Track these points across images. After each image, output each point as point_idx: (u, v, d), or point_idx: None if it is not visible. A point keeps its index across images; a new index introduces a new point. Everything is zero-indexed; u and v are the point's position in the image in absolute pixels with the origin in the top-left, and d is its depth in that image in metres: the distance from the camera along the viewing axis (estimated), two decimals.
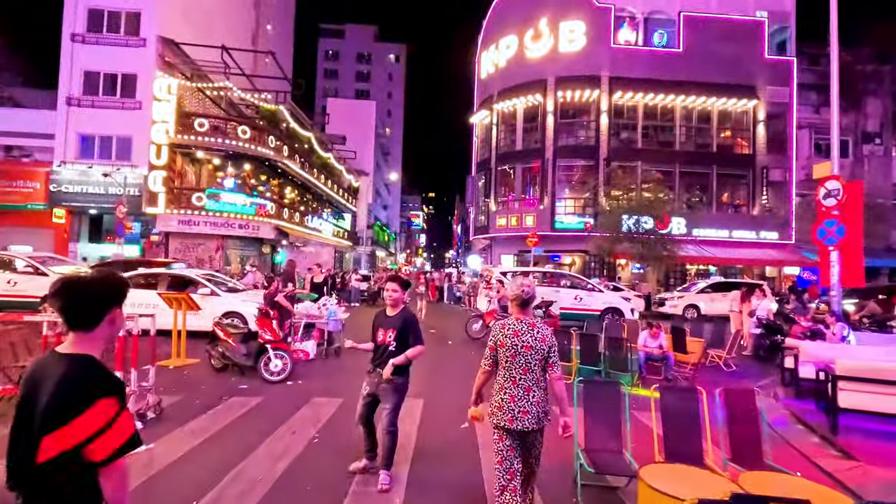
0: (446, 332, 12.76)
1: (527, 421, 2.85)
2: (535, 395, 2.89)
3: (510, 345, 2.92)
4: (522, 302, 3.01)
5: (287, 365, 6.78)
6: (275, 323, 7.03)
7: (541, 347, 2.91)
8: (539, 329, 2.96)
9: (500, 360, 2.98)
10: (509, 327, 2.97)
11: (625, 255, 22.25)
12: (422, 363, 8.78)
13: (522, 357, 2.89)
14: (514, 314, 3.05)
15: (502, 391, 2.94)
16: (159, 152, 21.14)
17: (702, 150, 25.39)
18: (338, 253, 40.73)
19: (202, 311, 9.65)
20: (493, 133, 27.68)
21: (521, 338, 2.91)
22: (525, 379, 2.89)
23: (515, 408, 2.86)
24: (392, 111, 73.37)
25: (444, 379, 7.67)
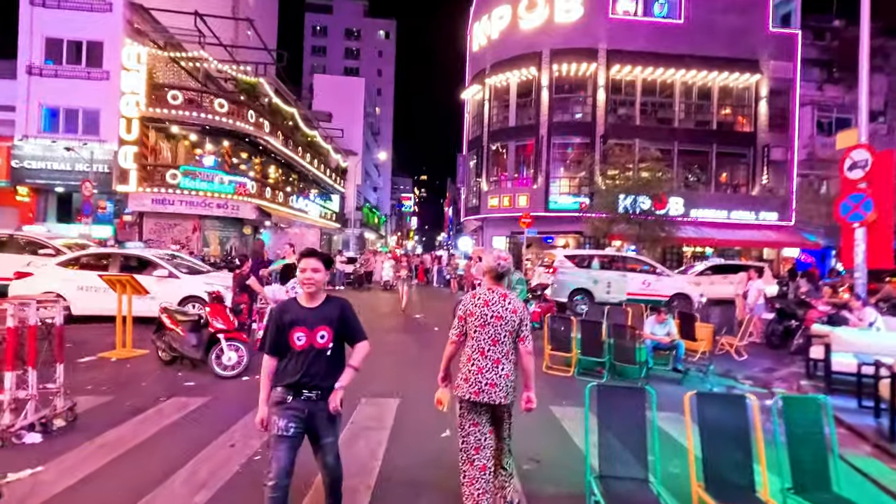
0: (433, 317, 11.88)
1: (494, 394, 2.75)
2: (503, 367, 2.79)
3: (479, 314, 2.81)
4: (497, 275, 2.91)
5: (243, 357, 5.85)
6: (229, 310, 6.07)
7: (511, 319, 2.80)
8: (510, 300, 2.84)
9: (469, 331, 2.86)
10: (480, 296, 2.87)
11: (621, 236, 21.42)
12: (401, 355, 7.99)
13: (492, 328, 2.79)
14: (486, 285, 2.93)
15: (469, 362, 2.83)
16: (129, 126, 19.84)
17: (701, 128, 24.44)
18: (325, 235, 39.60)
19: (157, 295, 8.70)
20: (486, 109, 26.50)
21: (492, 308, 2.80)
22: (494, 350, 2.79)
23: (483, 380, 2.76)
24: (382, 90, 71.36)
25: (426, 373, 6.77)
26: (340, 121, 42.91)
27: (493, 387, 2.75)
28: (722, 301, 16.44)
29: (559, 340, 6.64)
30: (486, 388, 2.74)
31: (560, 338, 6.63)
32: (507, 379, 2.79)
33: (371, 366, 6.67)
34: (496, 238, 27.43)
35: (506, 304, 2.81)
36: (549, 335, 6.79)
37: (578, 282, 14.05)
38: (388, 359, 7.35)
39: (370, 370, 6.50)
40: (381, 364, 6.88)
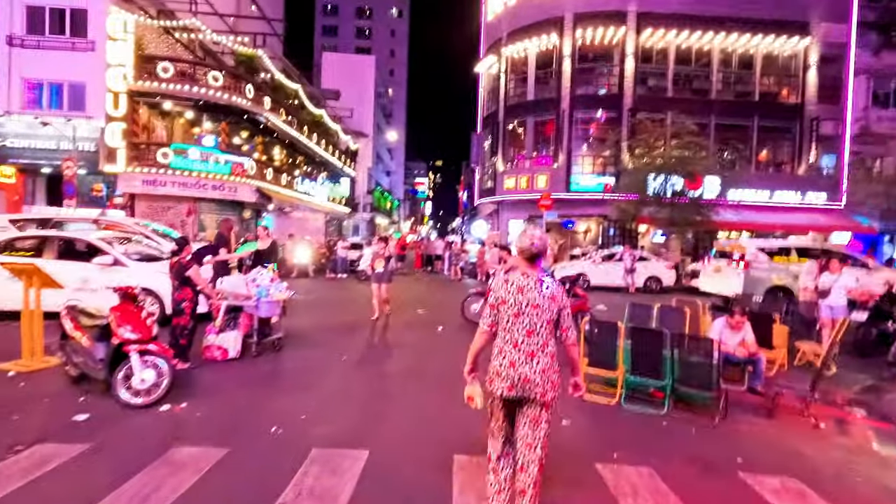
0: (438, 312, 10.20)
1: (528, 389, 2.47)
2: (539, 361, 2.49)
3: (513, 302, 2.51)
4: (531, 255, 2.58)
5: (164, 378, 4.26)
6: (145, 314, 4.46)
7: (549, 307, 2.50)
8: (548, 285, 2.53)
9: (501, 321, 2.56)
10: (513, 282, 2.54)
11: (650, 220, 19.42)
12: (394, 365, 6.03)
13: (527, 317, 2.49)
14: (520, 268, 2.60)
15: (501, 355, 2.56)
16: (117, 101, 18.39)
17: (742, 100, 22.07)
18: (335, 220, 38.19)
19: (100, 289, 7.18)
20: (502, 83, 24.44)
21: (527, 294, 2.50)
22: (529, 342, 2.50)
23: (515, 374, 2.49)
24: (395, 70, 69.17)
25: (421, 391, 5.13)
26: (350, 101, 41.11)
27: (528, 382, 2.50)
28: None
29: (599, 353, 4.90)
30: (519, 383, 2.50)
31: (601, 350, 4.89)
32: (544, 374, 2.51)
33: (336, 387, 5.06)
34: (513, 222, 25.57)
35: (543, 291, 2.52)
36: (586, 345, 5.07)
37: (775, 278, 11.94)
38: (364, 374, 5.72)
39: (329, 398, 4.90)
40: (352, 381, 5.26)
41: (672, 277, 16.62)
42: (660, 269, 16.52)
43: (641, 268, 16.16)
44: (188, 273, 5.29)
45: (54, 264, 7.25)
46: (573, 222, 24.12)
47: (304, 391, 4.85)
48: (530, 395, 2.46)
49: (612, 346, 4.80)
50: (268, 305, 5.89)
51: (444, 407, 4.48)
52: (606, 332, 4.87)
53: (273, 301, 5.96)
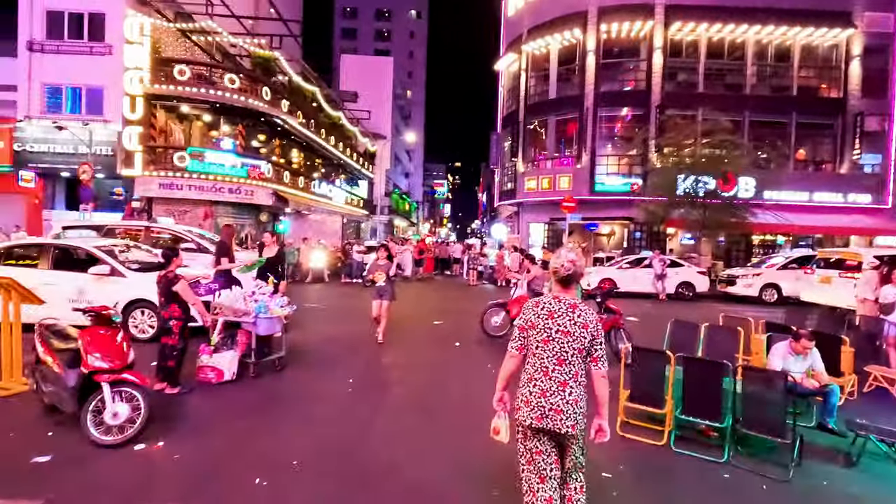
0: (456, 324, 9.55)
1: (559, 421, 2.32)
2: (571, 391, 2.34)
3: (542, 327, 2.39)
4: (563, 278, 2.45)
5: (140, 412, 3.71)
6: (122, 337, 3.92)
7: (581, 335, 2.35)
8: (581, 312, 2.37)
9: (530, 346, 2.44)
10: (544, 306, 2.42)
11: (681, 222, 18.40)
12: (406, 391, 5.23)
13: (557, 344, 2.36)
14: (553, 292, 2.49)
15: (531, 383, 2.41)
16: (133, 105, 18.31)
17: (778, 95, 20.85)
18: (353, 222, 37.90)
19: (95, 300, 6.77)
20: (522, 80, 23.69)
21: (557, 320, 2.37)
22: (560, 371, 2.35)
23: (546, 404, 2.34)
24: (413, 72, 68.84)
25: (434, 429, 4.50)
26: (368, 102, 40.83)
27: (559, 413, 2.32)
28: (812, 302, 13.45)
29: (644, 385, 4.18)
30: (549, 413, 2.33)
31: (645, 381, 4.16)
32: (576, 406, 2.33)
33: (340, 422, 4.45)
34: (533, 225, 24.81)
35: (574, 317, 2.35)
36: (627, 375, 4.35)
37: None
38: (371, 404, 5.12)
39: (329, 437, 4.30)
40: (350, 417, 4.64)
41: (706, 284, 15.63)
42: (692, 274, 15.55)
43: (672, 273, 15.24)
44: (176, 288, 4.76)
45: (49, 274, 6.88)
46: (596, 225, 23.18)
47: (302, 426, 4.25)
48: (561, 427, 2.32)
49: (658, 378, 4.07)
50: (267, 322, 5.33)
51: (466, 451, 3.83)
52: (652, 361, 4.14)
53: (273, 318, 5.40)
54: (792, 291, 14.89)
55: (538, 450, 2.39)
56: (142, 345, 6.35)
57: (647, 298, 14.83)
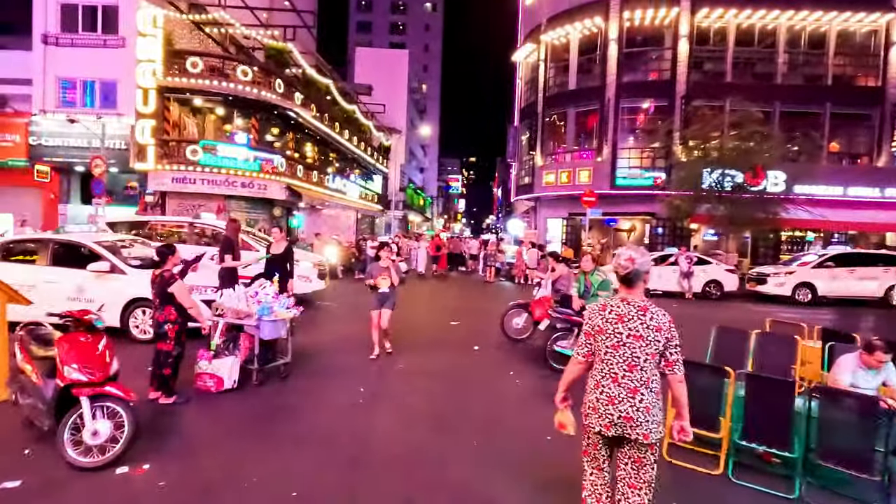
0: (474, 325, 9.06)
1: (630, 429, 2.20)
2: (643, 398, 2.21)
3: (611, 332, 2.27)
4: (624, 278, 2.31)
5: (124, 430, 3.29)
6: (104, 345, 3.51)
7: (654, 339, 2.21)
8: (653, 314, 2.24)
9: (598, 352, 2.33)
10: (612, 310, 2.30)
11: (708, 218, 17.61)
12: (421, 402, 4.68)
13: (628, 349, 2.23)
14: (620, 294, 2.36)
15: (598, 389, 2.30)
16: (146, 98, 18.10)
17: (812, 84, 19.86)
18: (368, 217, 37.61)
19: (95, 298, 6.47)
20: (541, 72, 22.98)
21: (628, 324, 2.25)
22: (630, 377, 2.22)
23: (615, 411, 2.23)
24: (429, 66, 68.17)
25: (456, 453, 4.04)
26: (383, 96, 40.41)
27: (629, 421, 2.20)
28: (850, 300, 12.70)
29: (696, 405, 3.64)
30: (619, 421, 2.22)
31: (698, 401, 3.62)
32: (648, 413, 2.19)
33: None
34: (551, 220, 24.17)
35: (647, 320, 2.23)
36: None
37: None
38: (383, 418, 4.67)
39: (334, 460, 3.85)
40: None
41: (734, 282, 14.89)
42: (720, 272, 14.83)
43: (699, 271, 14.54)
44: (171, 289, 4.36)
45: (48, 271, 6.58)
46: (616, 220, 22.45)
47: (305, 447, 3.81)
48: (632, 435, 2.21)
49: (713, 397, 3.54)
50: (271, 326, 4.90)
51: (493, 484, 3.35)
52: (705, 377, 3.61)
53: (278, 320, 4.97)
54: (827, 291, 14.11)
55: (608, 458, 2.31)
56: (143, 347, 6.00)
57: (673, 297, 14.17)
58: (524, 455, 3.80)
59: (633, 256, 2.29)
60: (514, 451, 3.84)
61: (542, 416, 4.54)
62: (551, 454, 3.81)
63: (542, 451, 3.89)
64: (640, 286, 2.31)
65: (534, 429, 4.28)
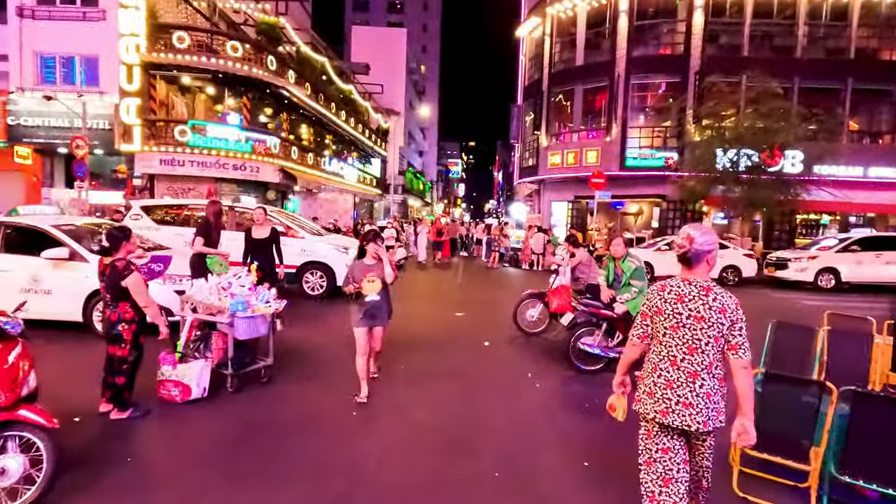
0: (482, 315, 8.29)
1: (689, 416, 2.07)
2: (703, 383, 2.09)
3: (671, 313, 2.13)
4: (683, 258, 2.18)
5: (43, 465, 2.53)
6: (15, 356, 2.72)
7: (718, 321, 2.06)
8: (716, 295, 2.09)
9: (656, 333, 2.21)
10: (672, 290, 2.16)
11: (723, 200, 16.77)
12: (428, 415, 3.74)
13: (689, 331, 2.10)
14: (681, 274, 2.21)
15: (656, 373, 2.19)
16: (130, 74, 17.12)
17: (833, 58, 18.81)
18: (366, 201, 36.72)
19: (54, 289, 5.72)
20: (546, 47, 21.90)
21: (689, 305, 2.10)
22: (690, 361, 2.10)
23: (673, 396, 2.11)
24: (427, 46, 66.47)
25: (470, 478, 3.29)
26: (381, 76, 39.15)
27: (688, 407, 2.08)
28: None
29: (776, 425, 2.87)
30: (677, 407, 2.10)
31: (778, 420, 2.85)
32: (708, 399, 2.07)
33: None
34: (556, 203, 23.31)
35: (709, 301, 2.07)
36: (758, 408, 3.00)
37: None
38: (382, 437, 3.93)
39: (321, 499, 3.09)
40: None
41: (753, 268, 14.14)
42: (738, 257, 14.07)
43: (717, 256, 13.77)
44: (126, 283, 3.56)
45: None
46: (623, 203, 21.61)
47: (284, 475, 3.06)
48: (691, 423, 2.07)
49: (802, 418, 2.76)
50: (247, 323, 4.11)
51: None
52: (790, 393, 2.83)
53: (256, 317, 4.19)
54: (852, 276, 13.37)
55: (664, 447, 2.18)
56: None
57: None
58: (560, 487, 3.04)
59: (691, 235, 2.13)
60: (546, 482, 3.09)
61: (573, 430, 3.78)
62: (593, 483, 3.07)
63: (580, 480, 3.14)
64: (702, 266, 2.15)
65: (566, 448, 3.53)
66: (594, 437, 3.72)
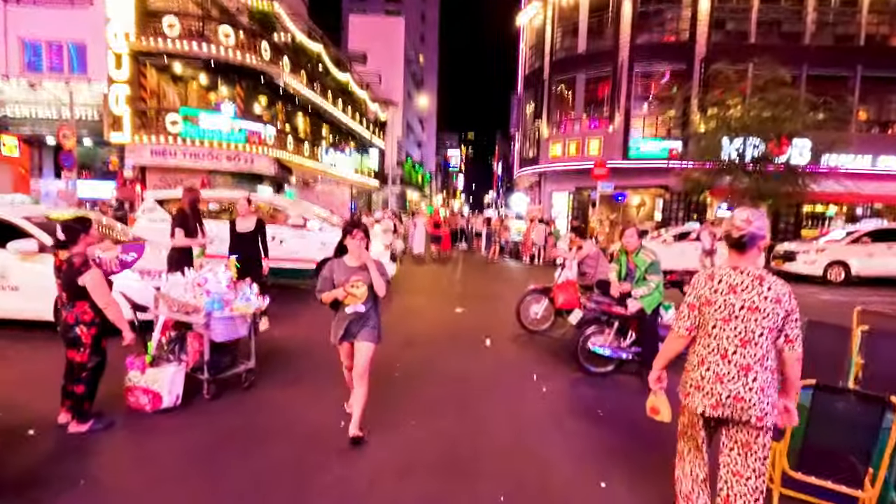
0: (483, 311, 7.91)
1: (740, 410, 1.97)
2: (756, 377, 1.97)
3: (722, 303, 2.03)
4: (737, 242, 2.04)
5: None
6: None
7: (772, 311, 1.95)
8: (770, 284, 1.98)
9: (705, 325, 2.09)
10: (722, 279, 2.06)
11: (730, 191, 16.35)
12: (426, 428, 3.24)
13: (741, 322, 1.99)
14: (730, 262, 2.10)
15: (704, 365, 2.07)
16: (119, 62, 16.63)
17: (842, 45, 18.31)
18: (364, 193, 36.27)
19: (21, 285, 5.34)
20: (547, 35, 21.36)
21: (742, 295, 2.00)
22: (743, 354, 1.99)
23: (723, 390, 2.00)
24: (426, 36, 65.58)
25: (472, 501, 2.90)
26: (378, 66, 38.51)
27: (739, 401, 1.97)
28: None
29: (825, 441, 2.47)
30: (727, 401, 1.99)
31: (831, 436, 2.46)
32: (762, 394, 1.96)
33: None
34: (557, 195, 22.90)
35: (763, 291, 1.97)
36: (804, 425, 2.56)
37: None
38: (376, 457, 3.55)
39: None
40: None
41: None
42: None
43: (723, 248, 13.37)
44: (83, 280, 3.16)
45: None
46: (624, 195, 21.15)
47: (261, 502, 2.68)
48: (743, 417, 1.97)
49: (861, 437, 2.38)
50: (224, 324, 3.72)
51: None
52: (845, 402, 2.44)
53: (235, 317, 3.80)
54: (863, 269, 12.99)
55: (707, 441, 2.07)
56: None
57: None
58: None
59: (749, 217, 2.03)
60: (552, 487, 2.72)
61: (585, 443, 3.41)
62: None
63: (597, 501, 2.77)
64: (753, 252, 2.06)
65: (579, 465, 3.16)
66: (610, 450, 3.35)
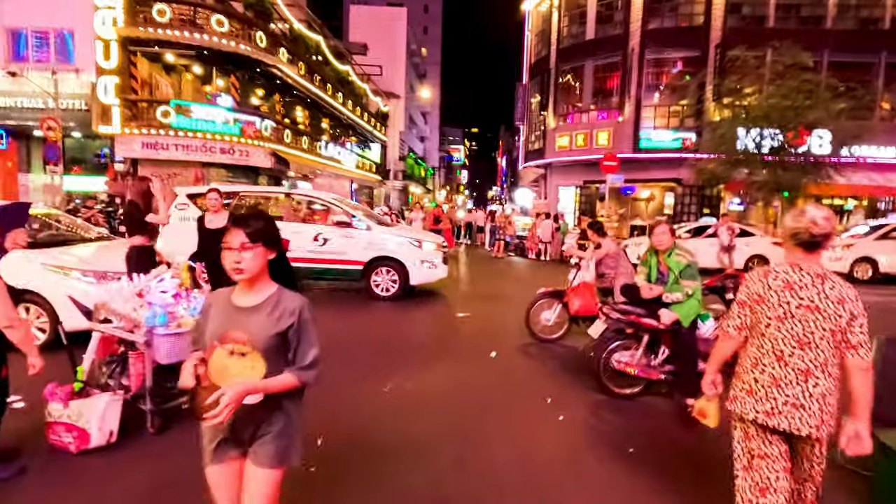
0: (488, 316, 7.20)
1: (798, 419, 1.81)
2: (817, 382, 1.81)
3: (778, 302, 1.86)
4: (808, 241, 1.85)
5: None
6: None
7: (835, 313, 1.79)
8: (835, 284, 1.83)
9: (759, 325, 1.92)
10: (778, 276, 1.90)
11: (747, 184, 15.56)
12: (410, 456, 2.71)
13: (799, 322, 1.83)
14: (789, 259, 1.93)
15: (757, 369, 1.91)
16: (108, 51, 16.00)
17: (866, 29, 17.39)
18: (365, 188, 35.57)
19: None
20: (554, 21, 20.52)
21: (800, 293, 1.83)
22: (800, 356, 1.83)
23: (780, 396, 1.84)
24: (429, 28, 64.52)
25: None
26: (380, 58, 37.67)
27: (798, 409, 1.81)
28: None
29: None
30: (784, 408, 1.82)
31: None
32: (822, 402, 1.80)
33: None
34: (563, 189, 22.13)
35: (825, 290, 1.81)
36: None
37: None
38: None
39: None
40: None
41: (781, 257, 13.00)
42: (766, 246, 12.99)
43: (742, 244, 12.67)
44: None
45: None
46: (633, 189, 20.37)
47: None
48: (801, 427, 1.80)
49: None
50: (171, 343, 3.03)
51: None
52: None
53: (182, 333, 3.11)
54: (891, 267, 12.21)
55: (763, 453, 1.89)
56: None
57: (712, 274, 12.31)
58: None
59: (828, 215, 1.84)
60: None
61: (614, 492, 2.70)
62: None
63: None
64: (819, 253, 1.87)
65: None
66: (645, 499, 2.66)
